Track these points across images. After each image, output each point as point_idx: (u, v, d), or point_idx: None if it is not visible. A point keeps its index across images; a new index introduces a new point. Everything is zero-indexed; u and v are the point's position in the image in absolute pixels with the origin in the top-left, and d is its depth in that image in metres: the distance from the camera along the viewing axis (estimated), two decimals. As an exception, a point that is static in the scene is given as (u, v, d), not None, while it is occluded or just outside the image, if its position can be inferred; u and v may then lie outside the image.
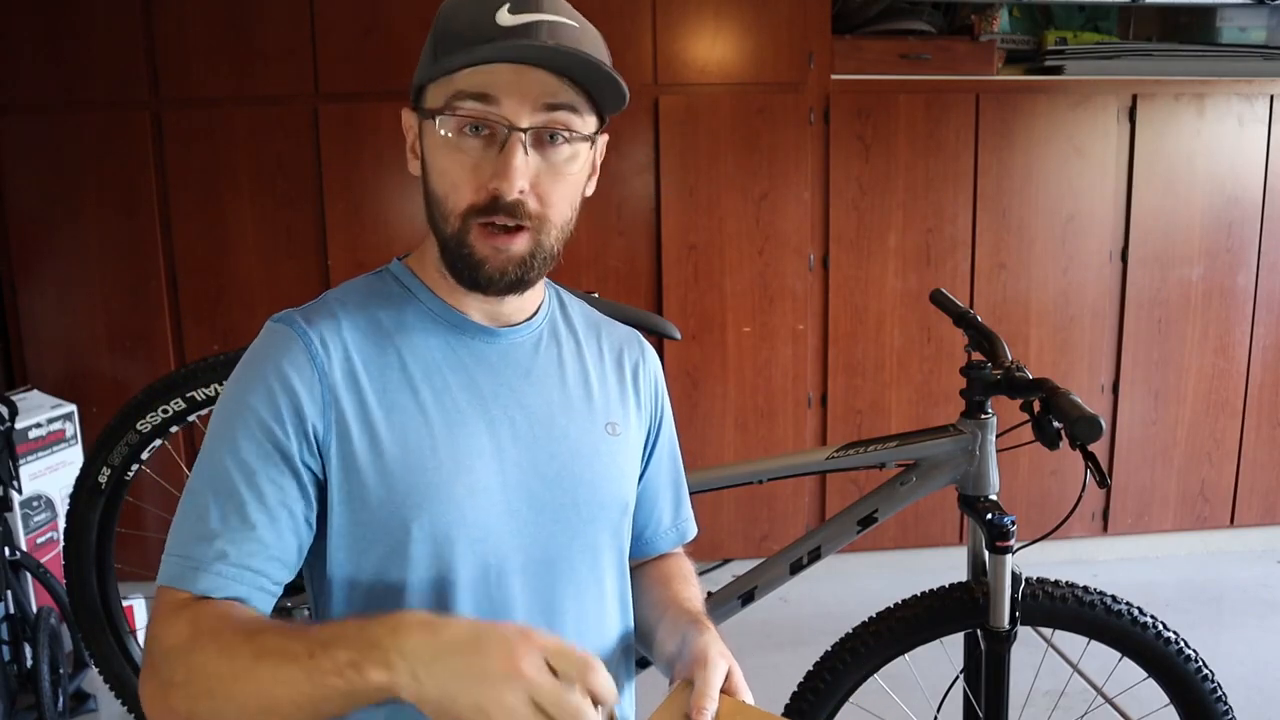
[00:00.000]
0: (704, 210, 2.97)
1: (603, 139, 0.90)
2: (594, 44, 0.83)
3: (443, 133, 0.82)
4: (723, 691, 0.81)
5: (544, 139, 0.82)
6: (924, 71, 2.97)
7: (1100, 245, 3.13)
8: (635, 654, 1.03)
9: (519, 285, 0.87)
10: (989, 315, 3.05)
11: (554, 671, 0.65)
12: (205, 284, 2.92)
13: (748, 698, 0.83)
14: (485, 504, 0.87)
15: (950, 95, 2.99)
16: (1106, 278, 3.15)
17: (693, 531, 1.12)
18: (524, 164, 0.81)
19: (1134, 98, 3.07)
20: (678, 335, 1.85)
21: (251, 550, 0.80)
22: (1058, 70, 3.03)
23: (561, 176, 0.84)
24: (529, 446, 0.90)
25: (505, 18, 0.79)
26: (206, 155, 2.86)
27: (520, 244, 0.84)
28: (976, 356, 1.53)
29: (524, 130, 0.80)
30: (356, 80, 2.85)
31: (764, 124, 2.94)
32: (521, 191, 0.81)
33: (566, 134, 0.83)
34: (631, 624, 1.01)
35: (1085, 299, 3.15)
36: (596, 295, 1.84)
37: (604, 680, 0.65)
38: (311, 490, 0.84)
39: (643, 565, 1.09)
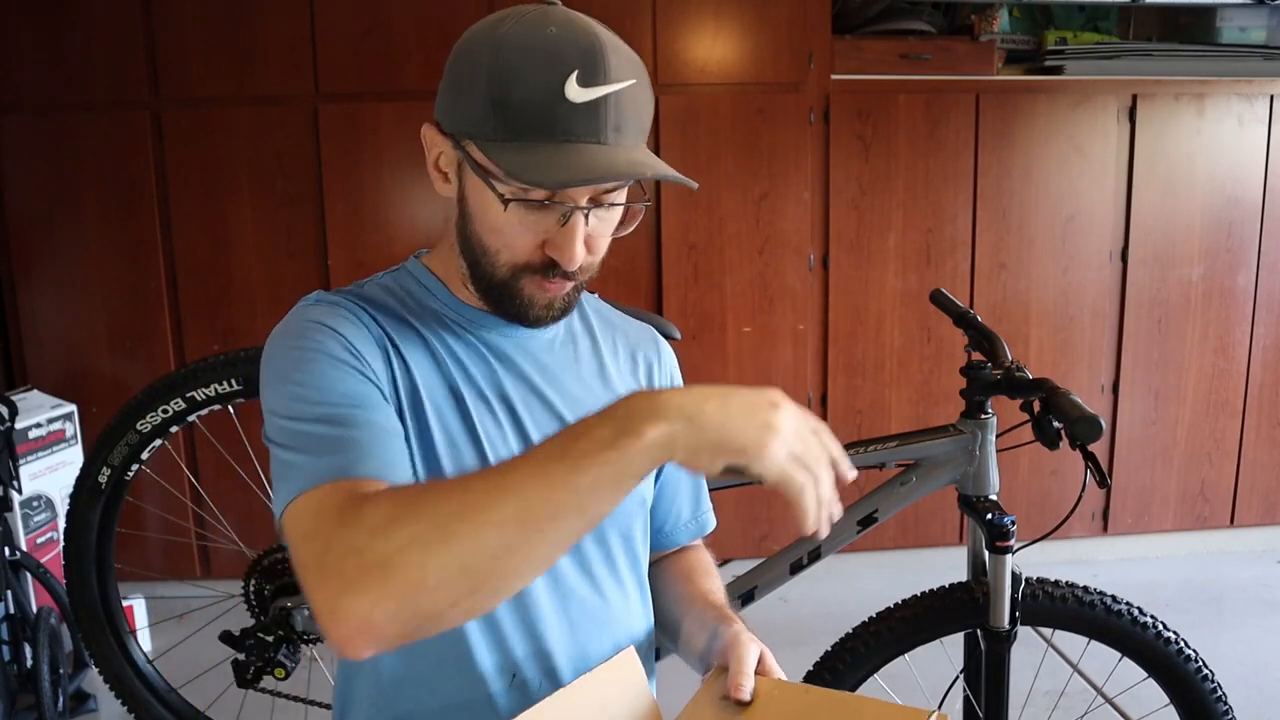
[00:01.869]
0: (704, 210, 2.97)
1: None
2: (648, 97, 0.83)
3: (502, 200, 0.80)
4: (756, 672, 0.83)
5: (598, 203, 0.83)
6: (924, 71, 2.97)
7: (1100, 245, 3.13)
8: (655, 644, 1.03)
9: (561, 317, 0.90)
10: (989, 315, 3.05)
11: None
12: (205, 284, 2.92)
13: (781, 678, 0.85)
14: None
15: (950, 95, 2.99)
16: (1106, 278, 3.15)
17: (712, 524, 1.13)
18: (583, 235, 0.82)
19: (1134, 98, 3.07)
20: (678, 335, 1.84)
21: (382, 449, 0.77)
22: (1058, 70, 3.03)
23: (608, 230, 0.86)
24: None
25: (575, 92, 0.76)
26: (206, 155, 2.86)
27: (567, 286, 0.86)
28: (976, 356, 1.53)
29: (586, 208, 0.81)
30: (356, 80, 2.85)
31: (764, 124, 2.94)
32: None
33: (619, 199, 0.84)
34: (652, 616, 1.02)
35: (1085, 299, 3.15)
36: (596, 295, 1.84)
37: (836, 445, 0.71)
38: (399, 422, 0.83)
39: (663, 559, 1.10)
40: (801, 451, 0.67)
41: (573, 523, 0.66)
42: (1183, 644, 1.51)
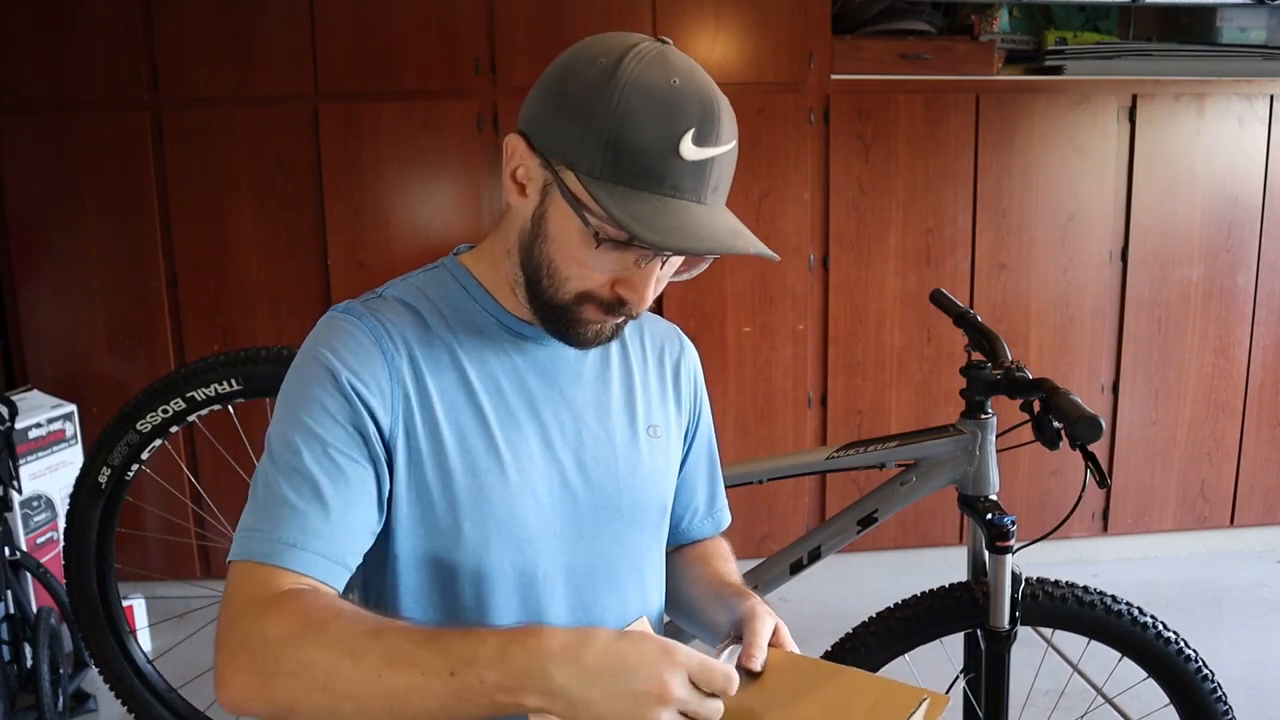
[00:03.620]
0: (704, 210, 2.96)
1: None
2: (736, 156, 0.84)
3: (595, 237, 0.79)
4: (770, 645, 0.84)
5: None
6: (924, 71, 2.97)
7: (1100, 245, 3.13)
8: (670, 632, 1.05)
9: (606, 343, 0.91)
10: (989, 315, 3.05)
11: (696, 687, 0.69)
12: (205, 284, 2.92)
13: (795, 651, 0.86)
14: (533, 506, 0.89)
15: (950, 95, 2.99)
16: (1106, 278, 3.15)
17: (728, 520, 1.15)
18: (656, 279, 0.83)
19: (1134, 98, 3.07)
20: (678, 335, 1.84)
21: (334, 531, 0.81)
22: (1058, 70, 3.03)
23: (670, 272, 0.87)
24: (575, 450, 0.92)
25: (689, 150, 0.77)
26: (206, 155, 2.86)
27: (619, 320, 0.88)
28: (976, 356, 1.53)
29: (666, 255, 0.82)
30: (356, 80, 2.85)
31: (764, 124, 2.94)
32: None
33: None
34: (663, 598, 1.04)
35: (1085, 299, 3.15)
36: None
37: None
38: (384, 472, 0.85)
39: (681, 548, 1.11)
40: None
41: None
42: (1183, 644, 1.51)
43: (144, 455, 1.90)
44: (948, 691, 1.67)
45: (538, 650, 0.68)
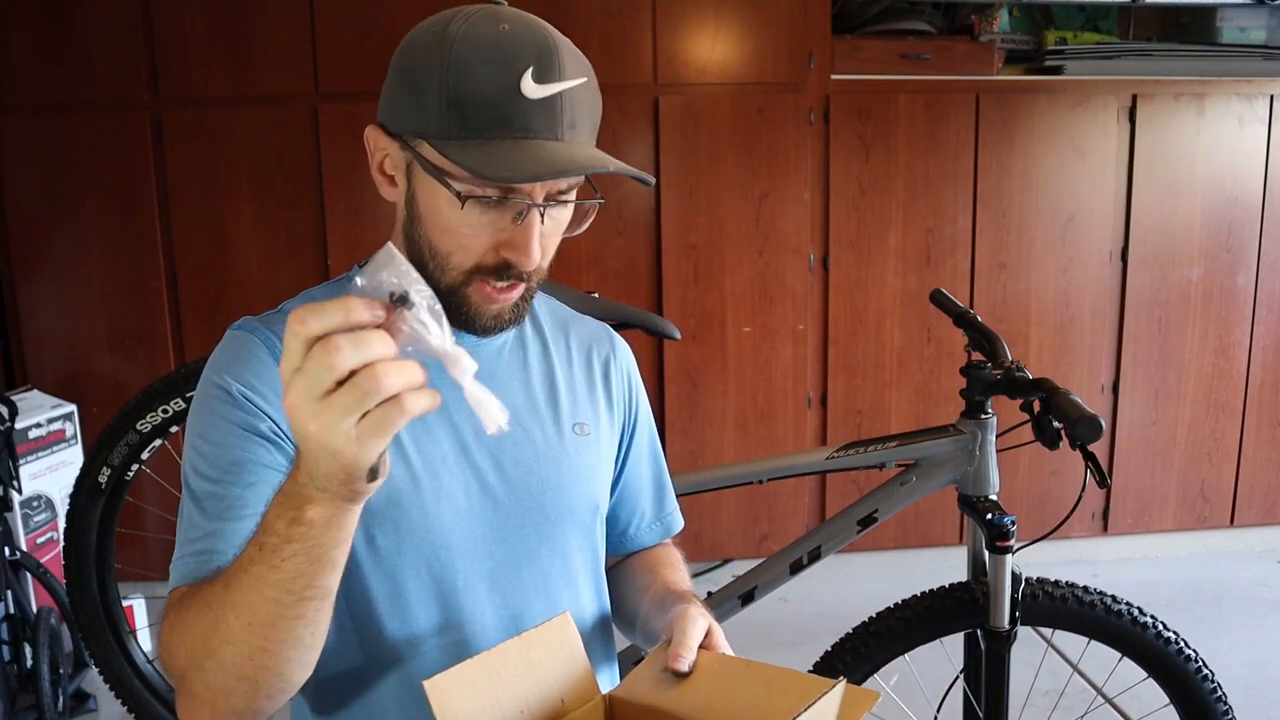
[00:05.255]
0: (704, 210, 2.97)
1: None
2: (597, 97, 0.82)
3: (459, 198, 0.78)
4: (702, 647, 0.83)
5: (553, 200, 0.82)
6: (924, 71, 2.97)
7: (1100, 245, 3.13)
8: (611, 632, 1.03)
9: (510, 327, 0.88)
10: (989, 315, 3.05)
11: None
12: (205, 284, 2.92)
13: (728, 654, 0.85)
14: (450, 513, 0.87)
15: (950, 95, 2.99)
16: (1106, 278, 3.15)
17: (678, 525, 1.12)
18: (539, 233, 0.80)
19: (1134, 98, 3.07)
20: (678, 335, 1.85)
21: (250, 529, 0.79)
22: (1058, 70, 3.03)
23: (559, 230, 0.84)
24: (493, 452, 0.90)
25: (531, 88, 0.75)
26: (206, 155, 2.86)
27: (515, 294, 0.84)
28: (976, 356, 1.54)
29: (542, 205, 0.79)
30: (356, 80, 2.85)
31: (764, 124, 2.94)
32: None
33: (571, 197, 0.83)
34: (608, 608, 1.02)
35: (1085, 299, 3.15)
36: (596, 295, 1.84)
37: (353, 306, 0.59)
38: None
39: (629, 557, 1.09)
40: (329, 391, 0.57)
41: (299, 607, 0.66)
42: (1183, 644, 1.51)
43: (144, 455, 1.90)
44: (947, 692, 1.68)
45: (294, 474, 0.63)
